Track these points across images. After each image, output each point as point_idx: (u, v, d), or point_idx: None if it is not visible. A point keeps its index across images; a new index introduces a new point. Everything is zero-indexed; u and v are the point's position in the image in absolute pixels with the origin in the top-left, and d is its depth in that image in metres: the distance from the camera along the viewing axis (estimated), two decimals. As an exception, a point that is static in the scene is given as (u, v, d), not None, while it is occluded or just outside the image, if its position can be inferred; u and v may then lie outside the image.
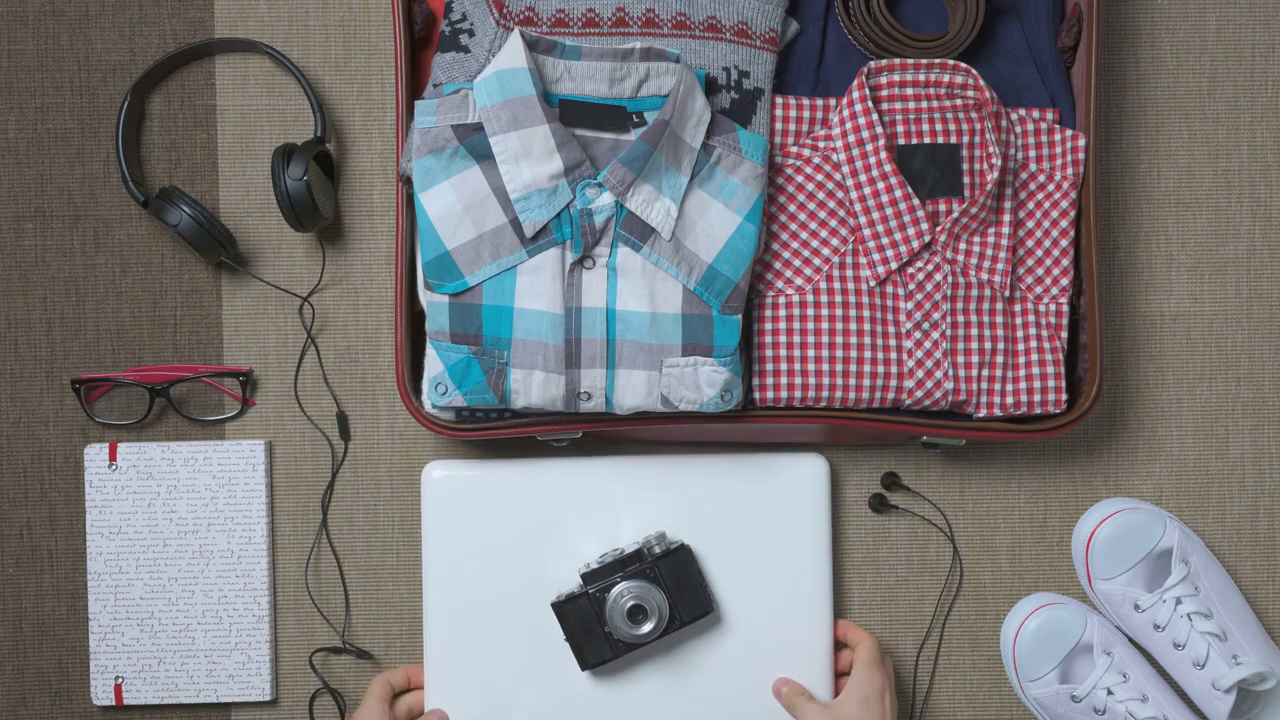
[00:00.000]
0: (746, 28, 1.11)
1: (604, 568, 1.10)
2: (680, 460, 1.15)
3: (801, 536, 1.14)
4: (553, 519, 1.14)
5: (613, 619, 1.09)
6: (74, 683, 1.21)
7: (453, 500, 1.14)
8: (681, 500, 1.14)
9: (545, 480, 1.15)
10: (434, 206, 1.06)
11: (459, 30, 1.10)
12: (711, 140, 1.08)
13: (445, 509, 1.14)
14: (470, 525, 1.14)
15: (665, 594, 1.09)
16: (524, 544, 1.14)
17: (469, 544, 1.14)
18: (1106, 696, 1.13)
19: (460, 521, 1.14)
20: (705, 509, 1.14)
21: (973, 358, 1.12)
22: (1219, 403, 1.21)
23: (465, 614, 1.14)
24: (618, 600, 1.09)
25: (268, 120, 1.20)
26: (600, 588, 1.09)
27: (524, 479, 1.14)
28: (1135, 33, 1.21)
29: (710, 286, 1.07)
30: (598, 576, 1.10)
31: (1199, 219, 1.21)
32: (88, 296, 1.20)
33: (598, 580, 1.10)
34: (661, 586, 1.09)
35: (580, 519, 1.14)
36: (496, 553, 1.14)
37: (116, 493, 1.18)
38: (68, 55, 1.20)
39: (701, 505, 1.14)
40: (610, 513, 1.14)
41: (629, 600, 1.09)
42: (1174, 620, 1.13)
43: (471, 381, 1.07)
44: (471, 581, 1.14)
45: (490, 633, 1.14)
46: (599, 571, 1.10)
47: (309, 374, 1.21)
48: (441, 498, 1.14)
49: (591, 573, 1.10)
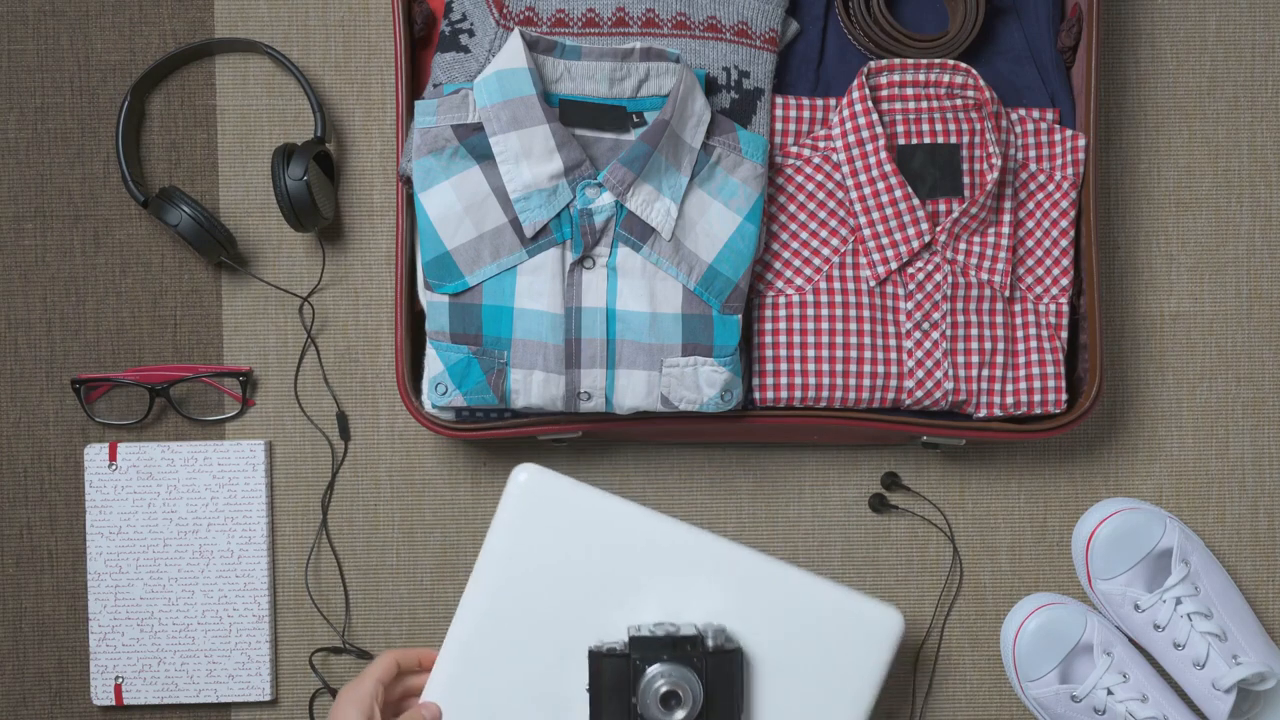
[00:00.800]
0: (746, 28, 1.11)
1: (655, 639, 1.03)
2: (771, 563, 1.08)
3: (848, 683, 1.08)
4: (623, 563, 1.07)
5: (645, 694, 1.02)
6: (74, 683, 1.21)
7: (531, 506, 1.07)
8: (754, 599, 1.08)
9: (631, 523, 1.08)
10: (434, 206, 1.06)
11: (459, 30, 1.10)
12: (711, 140, 1.08)
13: (521, 512, 1.07)
14: (539, 537, 1.07)
15: (704, 691, 1.03)
16: (584, 575, 1.07)
17: (530, 554, 1.07)
18: (1106, 696, 1.13)
19: (531, 529, 1.07)
20: (772, 616, 1.08)
21: (973, 358, 1.12)
22: (1219, 403, 1.21)
23: (499, 621, 1.08)
24: (657, 678, 1.03)
25: (268, 120, 1.20)
26: (644, 658, 1.02)
27: (611, 512, 1.08)
28: (1135, 33, 1.21)
29: (710, 286, 1.07)
30: (646, 646, 1.03)
31: (1199, 219, 1.21)
32: (88, 296, 1.20)
33: (644, 649, 1.03)
34: (703, 681, 1.03)
35: (650, 575, 1.07)
36: (553, 573, 1.07)
37: (116, 493, 1.18)
38: (68, 55, 1.20)
39: (770, 611, 1.08)
40: (683, 583, 1.08)
41: (667, 684, 1.02)
42: (1174, 620, 1.13)
43: (471, 381, 1.07)
44: (518, 592, 1.08)
45: (515, 649, 1.08)
46: (649, 641, 1.03)
47: (309, 374, 1.21)
48: (522, 500, 1.07)
49: (641, 639, 1.03)
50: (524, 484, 1.08)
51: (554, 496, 1.08)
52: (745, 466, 1.21)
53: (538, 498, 1.08)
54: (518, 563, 1.08)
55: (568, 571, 1.08)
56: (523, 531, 1.08)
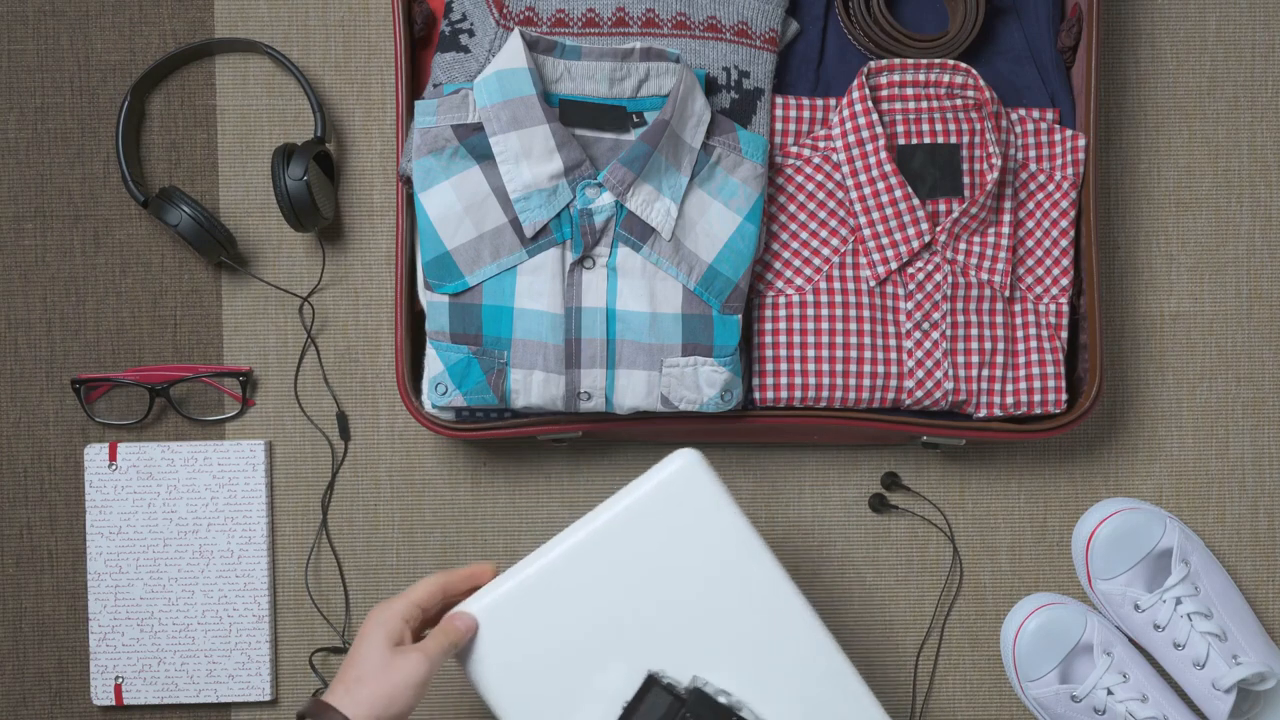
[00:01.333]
0: (746, 28, 1.11)
1: (716, 706, 0.96)
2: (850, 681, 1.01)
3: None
4: (724, 600, 1.00)
5: None
6: (74, 683, 1.21)
7: (674, 493, 1.00)
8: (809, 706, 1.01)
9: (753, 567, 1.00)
10: (434, 206, 1.06)
11: (459, 30, 1.10)
12: (711, 140, 1.08)
13: (662, 493, 0.99)
14: (664, 523, 1.00)
15: None
16: (686, 590, 1.00)
17: (645, 536, 0.99)
18: (1106, 696, 1.13)
19: (660, 513, 0.99)
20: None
21: (973, 358, 1.12)
22: (1219, 403, 1.21)
23: (579, 579, 0.99)
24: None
25: (268, 120, 1.20)
26: (696, 716, 0.96)
27: (741, 546, 1.00)
28: (1135, 33, 1.21)
29: (710, 286, 1.07)
30: (704, 707, 0.96)
31: (1199, 219, 1.21)
32: (88, 296, 1.20)
33: (701, 709, 0.96)
34: None
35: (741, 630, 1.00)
36: (657, 566, 1.00)
37: (116, 493, 1.18)
38: (68, 55, 1.20)
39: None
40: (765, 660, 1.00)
41: None
42: (1174, 620, 1.13)
43: (471, 381, 1.07)
44: (612, 563, 0.99)
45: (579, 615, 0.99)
46: (710, 704, 0.96)
47: (309, 374, 1.21)
48: (670, 483, 0.99)
49: (703, 697, 0.96)
50: (680, 470, 1.00)
51: (698, 495, 1.00)
52: (745, 466, 1.21)
53: (684, 488, 1.00)
54: (629, 538, 0.99)
55: (673, 576, 1.00)
56: (651, 512, 0.99)
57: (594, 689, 1.00)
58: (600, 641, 1.00)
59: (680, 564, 1.00)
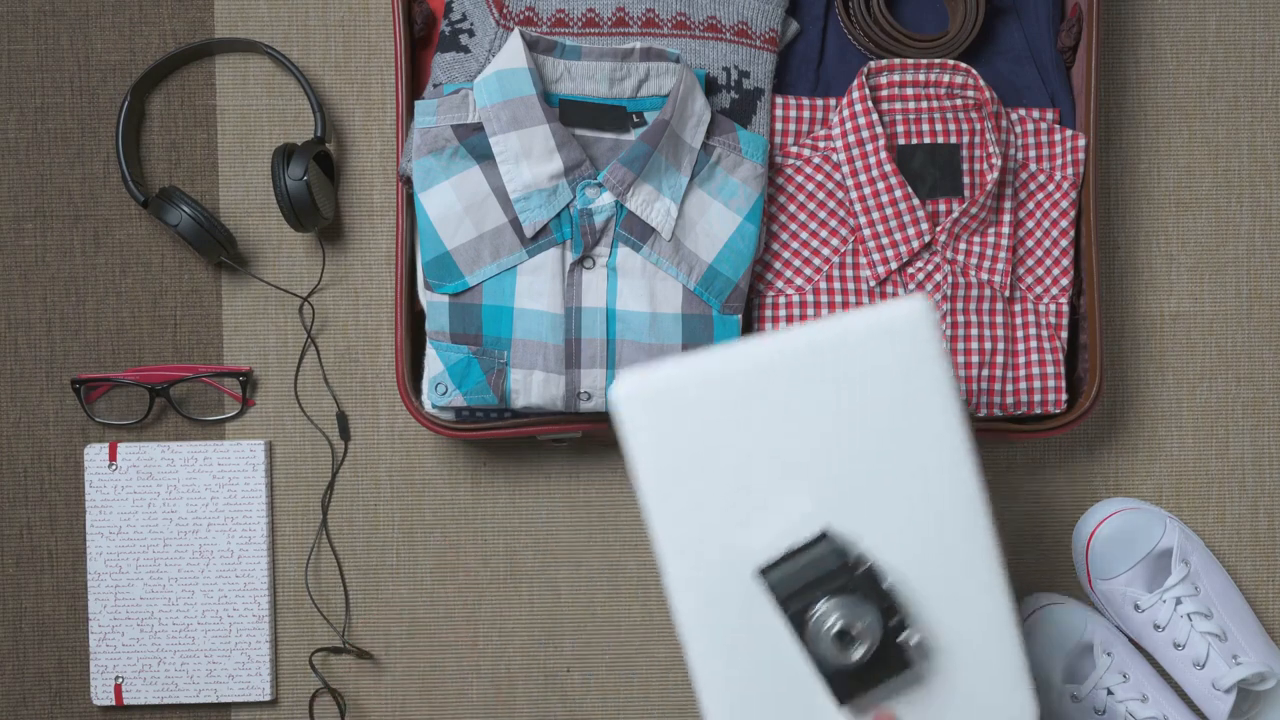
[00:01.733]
0: (746, 28, 1.11)
1: (880, 591, 0.92)
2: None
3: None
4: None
5: (816, 638, 0.92)
6: (74, 683, 1.21)
7: (898, 338, 0.92)
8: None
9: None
10: (434, 206, 1.06)
11: (459, 30, 1.10)
12: (711, 140, 1.08)
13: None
14: (879, 361, 0.93)
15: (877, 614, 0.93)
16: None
17: (860, 366, 0.92)
18: (1106, 696, 1.13)
19: (880, 352, 0.93)
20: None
21: (973, 358, 1.12)
22: (1219, 403, 1.21)
23: (760, 394, 0.92)
24: (824, 619, 0.92)
25: (268, 120, 1.20)
26: (800, 608, 0.91)
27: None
28: (1135, 33, 1.21)
29: (710, 286, 1.07)
30: (872, 588, 0.92)
31: (1199, 219, 1.21)
32: (88, 296, 1.20)
33: (869, 588, 0.92)
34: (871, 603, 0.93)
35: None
36: (861, 400, 0.92)
37: (116, 493, 1.18)
38: (68, 55, 1.20)
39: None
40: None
41: (840, 622, 0.92)
42: (1174, 620, 1.13)
43: (471, 381, 1.07)
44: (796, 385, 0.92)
45: (753, 431, 0.93)
46: (875, 586, 0.92)
47: (309, 374, 1.21)
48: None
49: (870, 576, 0.92)
50: (908, 315, 0.93)
51: (917, 346, 0.93)
52: (745, 466, 1.21)
53: (905, 334, 0.93)
54: (833, 364, 0.93)
55: (861, 419, 0.93)
56: (867, 346, 0.93)
57: (754, 512, 0.94)
58: (772, 464, 0.94)
59: (873, 410, 0.94)
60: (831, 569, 0.92)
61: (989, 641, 0.95)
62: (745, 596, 0.94)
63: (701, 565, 0.94)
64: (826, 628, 0.91)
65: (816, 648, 0.92)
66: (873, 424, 0.94)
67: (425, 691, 1.21)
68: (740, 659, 0.94)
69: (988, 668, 0.96)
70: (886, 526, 0.94)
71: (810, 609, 0.91)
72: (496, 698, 1.21)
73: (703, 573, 0.94)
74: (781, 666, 0.95)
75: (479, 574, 1.21)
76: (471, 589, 1.21)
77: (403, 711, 1.21)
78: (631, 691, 1.21)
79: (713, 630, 0.94)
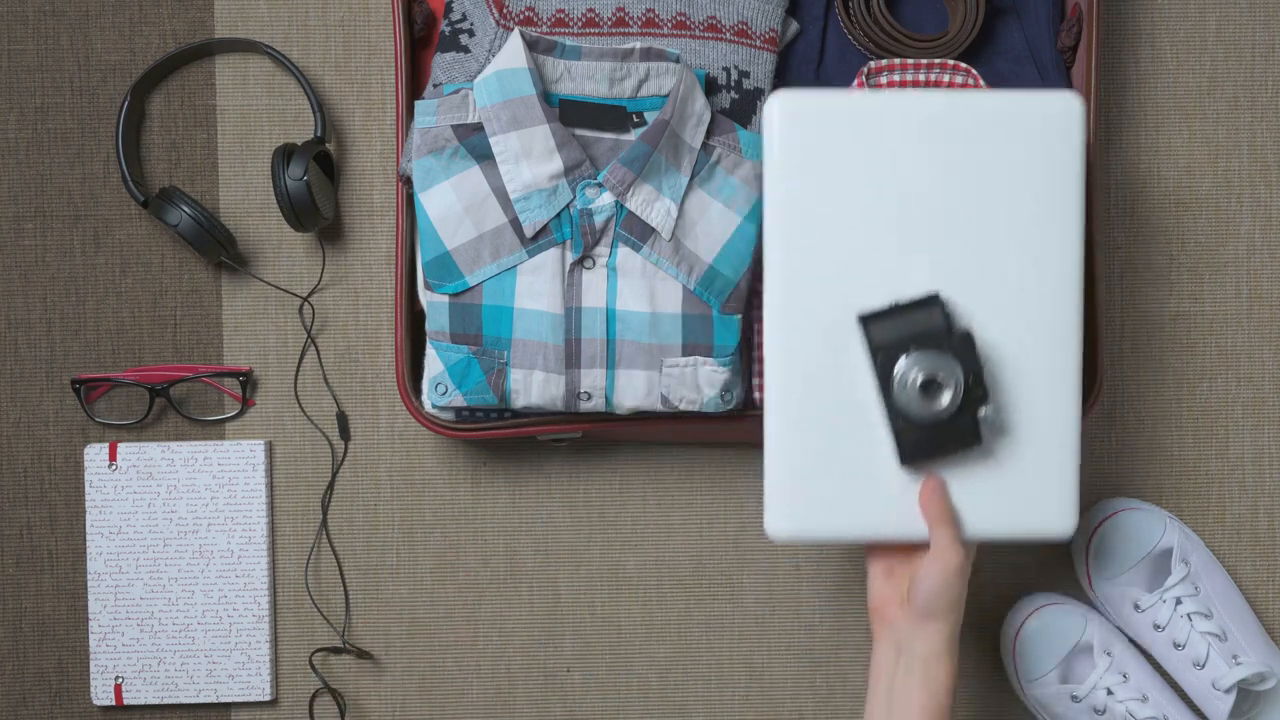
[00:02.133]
0: (746, 28, 1.11)
1: (976, 361, 0.95)
2: None
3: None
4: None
5: (902, 388, 0.95)
6: (74, 683, 1.21)
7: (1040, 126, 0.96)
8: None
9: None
10: (434, 206, 1.06)
11: (459, 30, 1.10)
12: (711, 140, 1.08)
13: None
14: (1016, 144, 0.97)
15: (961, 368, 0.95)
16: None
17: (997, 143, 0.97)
18: (1106, 696, 1.13)
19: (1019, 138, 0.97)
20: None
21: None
22: (1219, 403, 1.21)
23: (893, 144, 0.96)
24: (910, 369, 0.95)
25: (268, 120, 1.20)
26: (890, 358, 0.95)
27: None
28: (1135, 33, 1.21)
29: (711, 286, 1.07)
30: (970, 354, 0.94)
31: (1199, 219, 1.21)
32: (88, 296, 1.20)
33: (967, 353, 0.94)
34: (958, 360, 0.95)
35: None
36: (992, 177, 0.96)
37: (116, 493, 1.18)
38: (68, 55, 1.20)
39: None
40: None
41: (924, 373, 0.94)
42: (1174, 620, 1.13)
43: (471, 381, 1.07)
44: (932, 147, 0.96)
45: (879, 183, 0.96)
46: (973, 353, 0.94)
47: (309, 374, 1.21)
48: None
49: (969, 342, 0.95)
50: (1059, 109, 0.96)
51: (1059, 138, 0.96)
52: (745, 466, 1.21)
53: (1050, 125, 0.96)
54: (972, 134, 0.96)
55: (987, 195, 0.96)
56: (1009, 126, 0.96)
57: (867, 260, 0.97)
58: (899, 219, 0.97)
59: (1006, 192, 0.97)
60: (932, 330, 0.94)
61: (1050, 450, 0.98)
62: (837, 342, 0.97)
63: (803, 300, 0.97)
64: (913, 377, 0.94)
65: (899, 397, 0.95)
66: (1001, 206, 0.97)
67: (425, 691, 1.21)
68: (813, 402, 0.98)
69: (1043, 475, 0.99)
70: (987, 310, 0.97)
71: (899, 359, 0.95)
72: (496, 698, 1.21)
73: (802, 308, 0.97)
74: (852, 419, 0.98)
75: (479, 574, 1.21)
76: (471, 589, 1.21)
77: (403, 711, 1.21)
78: (631, 691, 1.21)
79: (795, 368, 0.98)
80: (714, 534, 1.21)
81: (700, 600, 1.21)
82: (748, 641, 1.21)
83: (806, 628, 1.21)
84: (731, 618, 1.21)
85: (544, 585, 1.21)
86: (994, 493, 0.99)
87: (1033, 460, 0.99)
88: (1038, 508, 0.99)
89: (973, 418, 0.96)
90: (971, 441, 0.96)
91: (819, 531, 0.99)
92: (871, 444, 0.98)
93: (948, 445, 0.96)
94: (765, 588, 1.21)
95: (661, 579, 1.21)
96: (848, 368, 0.97)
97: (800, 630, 1.21)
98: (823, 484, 0.98)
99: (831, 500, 0.98)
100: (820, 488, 0.98)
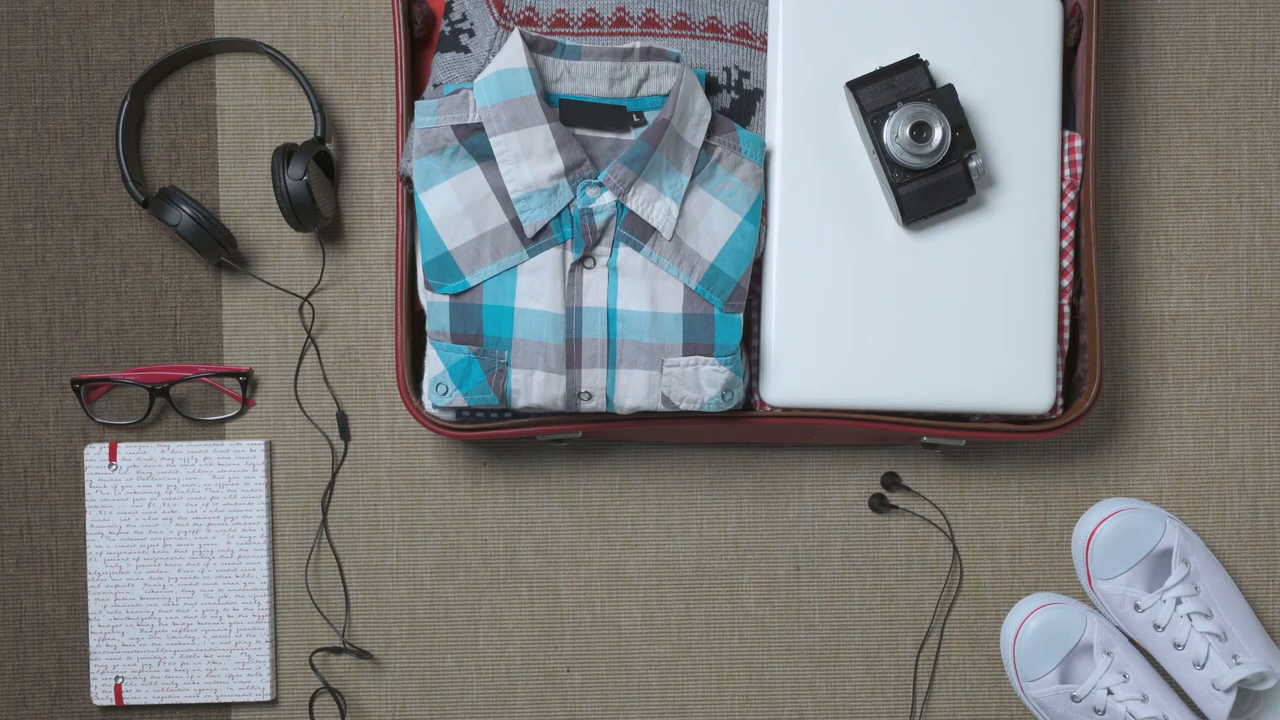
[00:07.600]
0: (747, 28, 1.11)
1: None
2: None
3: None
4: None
5: (894, 134, 1.03)
6: (74, 683, 1.21)
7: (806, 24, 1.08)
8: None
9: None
10: (434, 206, 1.06)
11: (459, 30, 1.10)
12: (712, 140, 1.08)
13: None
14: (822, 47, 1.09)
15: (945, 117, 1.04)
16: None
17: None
18: (1106, 696, 1.13)
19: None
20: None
21: (973, 357, 1.12)
22: (1219, 403, 1.21)
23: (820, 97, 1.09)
24: (901, 116, 1.04)
25: (268, 120, 1.20)
26: (880, 115, 1.03)
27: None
28: (1135, 33, 1.21)
29: (712, 285, 1.07)
30: (950, 103, 1.03)
31: (1199, 219, 1.21)
32: (88, 296, 1.20)
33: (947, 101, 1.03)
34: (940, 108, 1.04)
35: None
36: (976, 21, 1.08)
37: (116, 493, 1.18)
38: (68, 55, 1.20)
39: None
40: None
41: (913, 119, 1.03)
42: (1174, 620, 1.13)
43: (472, 382, 1.07)
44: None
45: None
46: (954, 104, 1.03)
47: (309, 374, 1.21)
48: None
49: (950, 94, 1.03)
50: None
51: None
52: (745, 467, 1.21)
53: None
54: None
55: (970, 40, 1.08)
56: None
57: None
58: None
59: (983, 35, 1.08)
60: (916, 86, 1.03)
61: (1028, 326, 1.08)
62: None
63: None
64: (903, 125, 1.02)
65: (891, 149, 1.02)
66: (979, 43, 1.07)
67: (425, 691, 1.21)
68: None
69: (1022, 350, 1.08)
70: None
71: (889, 112, 1.02)
72: (496, 698, 1.21)
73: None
74: (850, 290, 1.07)
75: (479, 574, 1.21)
76: (471, 589, 1.21)
77: (403, 711, 1.21)
78: (631, 691, 1.21)
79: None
80: (714, 534, 1.21)
81: (700, 600, 1.21)
82: (748, 641, 1.21)
83: (806, 628, 1.21)
84: (731, 618, 1.21)
85: (544, 585, 1.21)
86: (975, 366, 1.07)
87: (1012, 335, 1.07)
88: (1017, 381, 1.08)
89: (964, 168, 1.03)
90: (965, 192, 1.04)
91: (814, 397, 1.07)
92: (868, 314, 1.07)
93: (943, 197, 1.03)
94: (765, 588, 1.21)
95: (661, 579, 1.21)
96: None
97: (800, 630, 1.21)
98: (819, 352, 1.06)
99: (827, 368, 1.07)
100: (817, 356, 1.07)
